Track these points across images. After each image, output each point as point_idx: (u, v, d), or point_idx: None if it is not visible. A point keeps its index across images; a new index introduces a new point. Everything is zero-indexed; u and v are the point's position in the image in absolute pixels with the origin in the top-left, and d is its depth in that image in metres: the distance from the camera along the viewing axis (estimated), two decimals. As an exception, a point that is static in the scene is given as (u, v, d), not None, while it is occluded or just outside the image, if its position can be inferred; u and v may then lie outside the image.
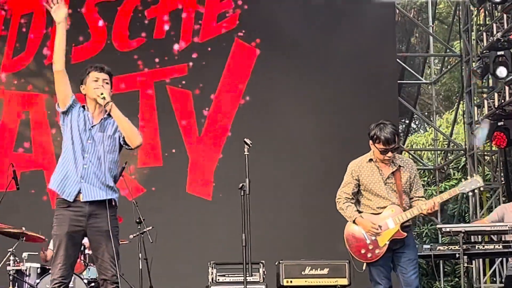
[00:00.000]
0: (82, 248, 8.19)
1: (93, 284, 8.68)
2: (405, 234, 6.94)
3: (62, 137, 6.41)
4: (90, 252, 7.60)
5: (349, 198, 7.14)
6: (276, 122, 12.79)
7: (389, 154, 6.95)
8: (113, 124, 6.41)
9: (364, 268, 7.13)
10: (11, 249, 8.84)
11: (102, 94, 6.25)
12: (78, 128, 6.39)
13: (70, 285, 6.70)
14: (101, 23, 12.89)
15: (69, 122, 6.39)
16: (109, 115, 6.37)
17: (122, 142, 6.36)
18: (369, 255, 6.99)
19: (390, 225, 6.91)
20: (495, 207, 10.20)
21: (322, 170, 11.72)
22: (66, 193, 6.27)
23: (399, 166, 7.08)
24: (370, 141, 7.01)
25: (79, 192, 6.29)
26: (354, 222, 7.07)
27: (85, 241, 6.58)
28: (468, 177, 8.71)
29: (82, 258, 8.69)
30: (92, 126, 6.37)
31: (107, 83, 6.50)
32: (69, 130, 6.36)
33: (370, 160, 7.09)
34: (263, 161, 11.02)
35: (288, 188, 12.39)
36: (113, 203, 6.33)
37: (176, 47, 12.96)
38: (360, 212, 7.11)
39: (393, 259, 7.05)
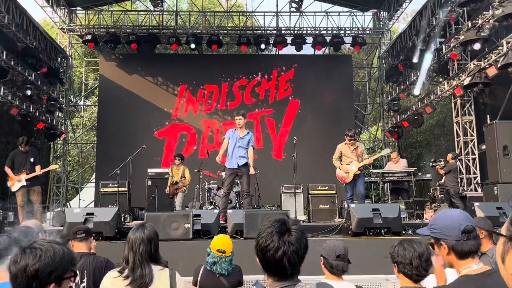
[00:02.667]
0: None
1: (239, 193, 8.32)
2: (360, 172, 6.75)
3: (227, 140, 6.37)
4: (238, 180, 7.55)
5: (337, 159, 6.92)
6: (307, 130, 12.40)
7: (352, 141, 6.80)
8: (247, 138, 6.36)
9: (343, 185, 6.96)
10: (207, 180, 8.84)
11: (255, 170, 6.70)
12: (233, 139, 6.36)
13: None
14: (239, 92, 12.79)
15: (229, 139, 6.39)
16: (248, 133, 6.36)
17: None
18: (346, 180, 6.80)
19: (354, 168, 6.74)
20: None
21: (325, 148, 11.00)
22: (232, 164, 6.28)
23: (357, 146, 6.89)
24: (345, 136, 6.86)
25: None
26: (339, 168, 6.88)
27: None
28: (383, 149, 8.47)
29: (235, 183, 8.41)
30: (240, 138, 6.35)
31: (240, 120, 6.36)
32: (231, 140, 6.35)
33: (345, 143, 6.90)
34: (301, 144, 10.39)
35: (312, 156, 11.91)
36: (247, 163, 6.32)
37: (266, 105, 12.66)
38: (342, 163, 6.90)
39: (355, 183, 6.83)
